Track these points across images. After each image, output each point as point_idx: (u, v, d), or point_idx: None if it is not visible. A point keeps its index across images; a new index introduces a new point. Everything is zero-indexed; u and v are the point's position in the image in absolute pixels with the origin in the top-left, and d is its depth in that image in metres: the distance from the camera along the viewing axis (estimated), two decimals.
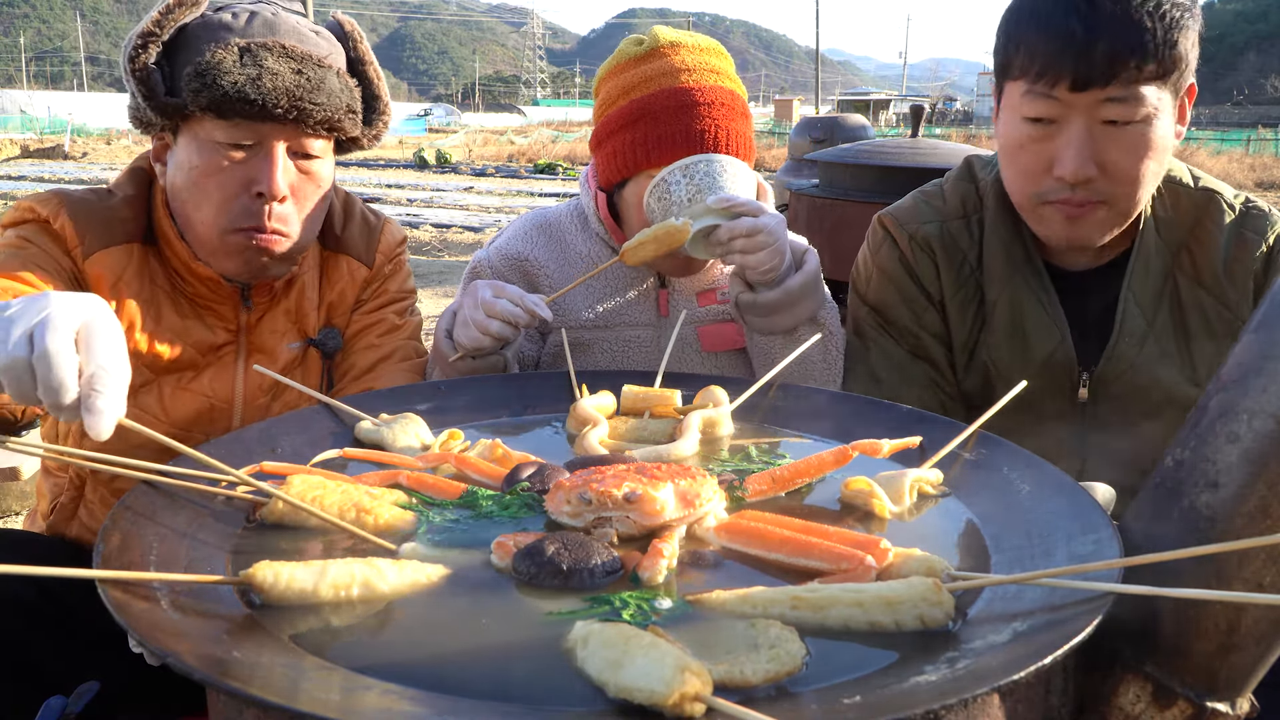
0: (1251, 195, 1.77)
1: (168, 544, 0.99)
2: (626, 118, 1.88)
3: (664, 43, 1.92)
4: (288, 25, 1.65)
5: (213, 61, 1.55)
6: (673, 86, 1.85)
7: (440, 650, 0.85)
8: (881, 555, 0.97)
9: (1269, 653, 0.91)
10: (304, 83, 1.59)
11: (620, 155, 1.90)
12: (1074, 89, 1.52)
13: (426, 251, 12.33)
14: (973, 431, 1.29)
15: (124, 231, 1.68)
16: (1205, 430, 0.95)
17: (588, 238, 2.06)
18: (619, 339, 2.01)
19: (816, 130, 7.03)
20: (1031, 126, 1.60)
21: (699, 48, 1.93)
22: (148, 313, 1.69)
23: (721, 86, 1.88)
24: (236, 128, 1.59)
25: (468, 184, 23.70)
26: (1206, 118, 66.52)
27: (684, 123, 1.82)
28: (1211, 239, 1.70)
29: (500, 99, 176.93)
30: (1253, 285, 1.68)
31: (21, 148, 33.69)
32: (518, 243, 2.06)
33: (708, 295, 2.04)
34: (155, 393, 1.71)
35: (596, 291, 2.03)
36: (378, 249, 1.90)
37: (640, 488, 1.02)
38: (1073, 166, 1.55)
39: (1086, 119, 1.54)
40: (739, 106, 1.89)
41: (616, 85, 1.94)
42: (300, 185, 1.67)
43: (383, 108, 1.78)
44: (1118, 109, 1.52)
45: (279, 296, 1.80)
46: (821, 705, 0.76)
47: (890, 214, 1.90)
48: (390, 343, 1.88)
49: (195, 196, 1.63)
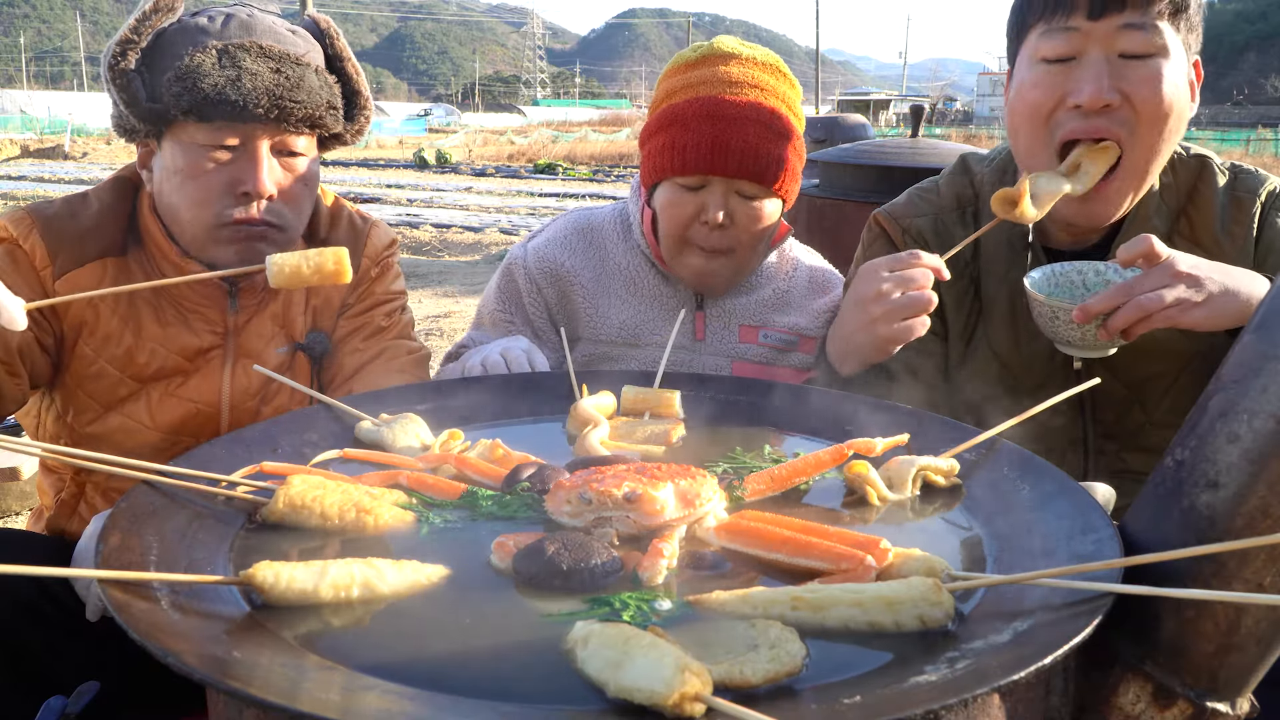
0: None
1: (168, 544, 0.99)
2: (662, 121, 1.86)
3: (718, 52, 1.88)
4: (264, 25, 1.66)
5: (192, 65, 1.55)
6: (708, 96, 1.82)
7: (440, 650, 0.85)
8: (881, 555, 0.97)
9: (1269, 653, 0.91)
10: (283, 81, 1.60)
11: (652, 158, 1.87)
12: (1091, 15, 1.53)
13: (426, 251, 12.33)
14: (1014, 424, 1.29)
15: (98, 246, 1.67)
16: (1205, 430, 0.95)
17: (629, 249, 2.02)
18: (651, 358, 1.95)
19: (816, 130, 7.03)
20: (1048, 67, 1.59)
21: (754, 61, 1.87)
22: (127, 326, 1.69)
23: (762, 104, 1.82)
24: (219, 129, 1.59)
25: (468, 184, 23.72)
26: (1206, 118, 66.49)
27: (709, 133, 1.78)
28: (1207, 201, 1.73)
29: (500, 99, 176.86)
30: (1251, 239, 1.70)
31: (21, 148, 33.71)
32: (556, 249, 2.02)
33: (750, 331, 1.99)
34: (143, 401, 1.71)
35: (632, 307, 1.98)
36: (363, 253, 1.90)
37: (640, 488, 1.03)
38: (1091, 89, 1.53)
39: (1105, 50, 1.55)
40: (778, 125, 1.82)
41: (664, 88, 1.92)
42: (286, 182, 1.67)
43: (363, 102, 1.79)
44: (1135, 38, 1.53)
45: (266, 299, 1.79)
46: (821, 705, 0.76)
47: (884, 210, 1.91)
48: (376, 345, 1.87)
49: (182, 199, 1.63)
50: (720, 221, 1.82)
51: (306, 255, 1.45)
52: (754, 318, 2.01)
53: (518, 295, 2.02)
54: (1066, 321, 1.51)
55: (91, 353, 1.68)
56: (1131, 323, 1.43)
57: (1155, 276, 1.42)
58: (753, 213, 1.84)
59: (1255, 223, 1.71)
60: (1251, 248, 1.70)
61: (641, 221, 2.01)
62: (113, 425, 1.70)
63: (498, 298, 2.05)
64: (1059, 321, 1.52)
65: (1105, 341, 1.50)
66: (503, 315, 2.03)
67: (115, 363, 1.68)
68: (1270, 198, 1.72)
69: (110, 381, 1.69)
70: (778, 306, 2.03)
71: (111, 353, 1.68)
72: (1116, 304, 1.43)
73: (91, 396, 1.70)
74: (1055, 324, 1.53)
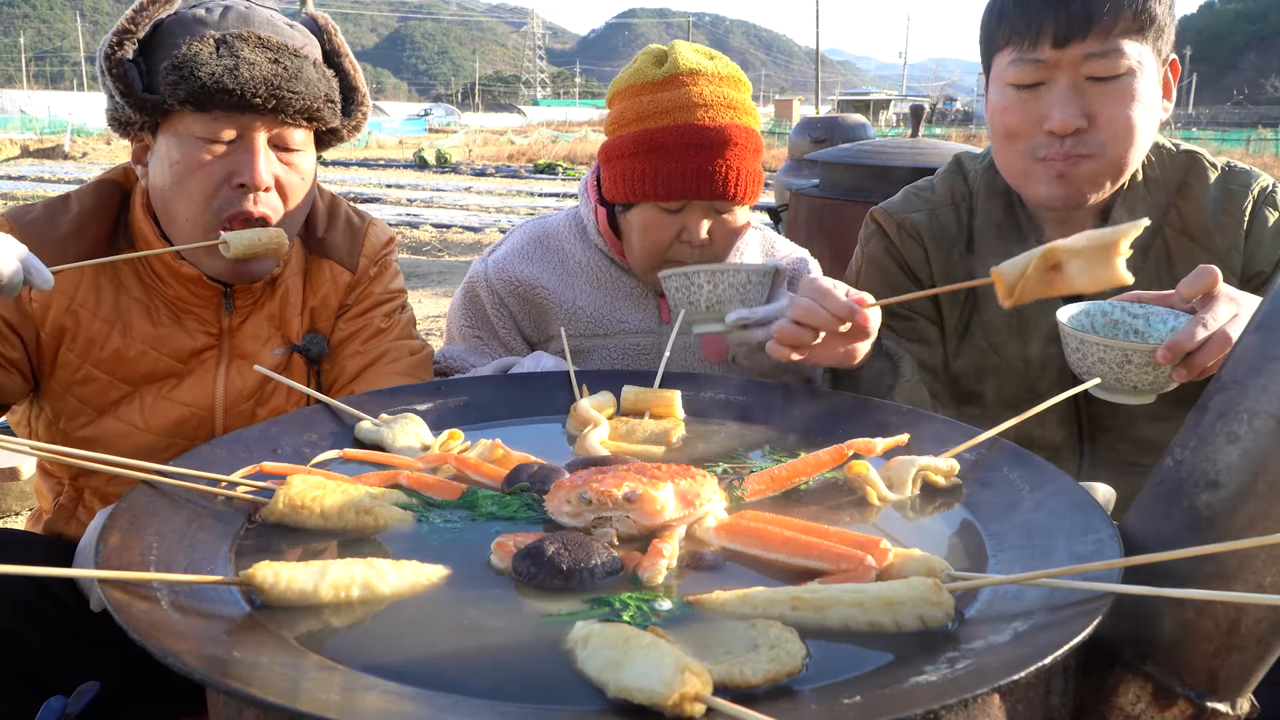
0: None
1: (168, 544, 0.99)
2: (639, 145, 1.88)
3: (684, 70, 1.89)
4: (262, 17, 1.65)
5: (189, 54, 1.54)
6: (688, 123, 1.85)
7: (440, 650, 0.85)
8: (881, 555, 0.97)
9: (1269, 653, 0.91)
10: (281, 71, 1.59)
11: (629, 181, 1.89)
12: (1056, 45, 1.58)
13: (426, 251, 12.33)
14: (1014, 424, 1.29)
15: (75, 252, 1.64)
16: (1205, 430, 0.95)
17: (586, 248, 2.07)
18: (619, 346, 2.02)
19: (816, 130, 7.03)
20: (1018, 92, 1.65)
21: (718, 77, 1.91)
22: (113, 328, 1.67)
23: (736, 124, 1.88)
24: (216, 120, 1.58)
25: (467, 184, 23.70)
26: (1206, 118, 66.55)
27: (695, 162, 1.83)
28: (1198, 195, 1.75)
29: (500, 99, 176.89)
30: (1241, 233, 1.73)
31: (21, 148, 33.68)
32: (516, 260, 2.06)
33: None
34: (135, 403, 1.70)
35: (596, 298, 2.03)
36: (361, 252, 1.89)
37: (640, 488, 1.02)
38: (1061, 116, 1.59)
39: (1072, 76, 1.60)
40: (752, 144, 1.90)
41: (632, 107, 1.93)
42: (283, 177, 1.66)
43: (360, 99, 1.77)
44: (1100, 64, 1.58)
45: (262, 300, 1.78)
46: (821, 705, 0.76)
47: (881, 207, 1.95)
48: (377, 347, 1.86)
49: (178, 193, 1.62)
50: (702, 241, 1.88)
51: (257, 231, 1.62)
52: None
53: (483, 310, 2.06)
54: (1140, 364, 1.37)
55: (76, 358, 1.66)
56: (1218, 358, 1.34)
57: (1224, 307, 1.36)
58: (730, 226, 1.92)
59: (1246, 216, 1.73)
60: (1242, 241, 1.73)
61: (597, 221, 2.04)
62: (106, 429, 1.69)
63: (464, 314, 2.09)
64: (1130, 365, 1.38)
65: (1169, 384, 1.39)
66: (470, 330, 2.07)
67: (102, 366, 1.67)
68: (1262, 193, 1.75)
69: (100, 385, 1.68)
70: None
71: (97, 356, 1.66)
72: (1200, 340, 1.33)
73: (82, 401, 1.69)
74: (1124, 368, 1.39)
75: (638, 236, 1.93)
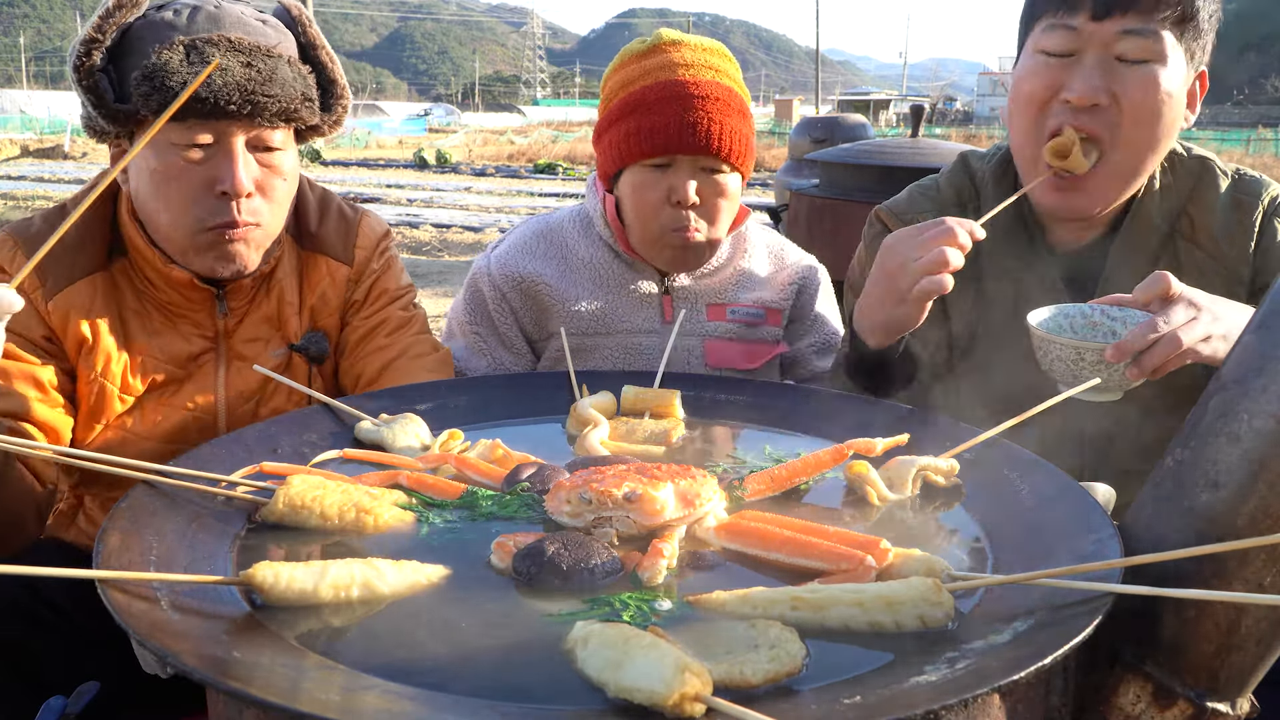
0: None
1: (167, 544, 0.99)
2: (623, 109, 1.90)
3: (666, 40, 1.94)
4: (232, 17, 1.60)
5: (159, 63, 1.50)
6: (669, 79, 1.87)
7: (440, 650, 0.85)
8: (881, 555, 0.97)
9: (1269, 653, 0.91)
10: (255, 75, 1.54)
11: (615, 146, 1.91)
12: (1095, 17, 1.55)
13: (426, 251, 12.32)
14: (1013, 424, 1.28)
15: (85, 263, 1.63)
16: (1205, 430, 0.95)
17: (590, 243, 2.06)
18: (621, 345, 2.01)
19: (817, 130, 7.04)
20: (1047, 60, 1.61)
21: (701, 46, 1.94)
22: (118, 337, 1.65)
23: (719, 83, 1.89)
24: (191, 128, 1.54)
25: (468, 184, 23.69)
26: (1206, 118, 66.53)
27: (676, 113, 1.84)
28: (1209, 203, 1.73)
29: (500, 99, 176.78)
30: (1250, 243, 1.71)
31: (21, 148, 33.67)
32: (519, 256, 2.05)
33: (717, 309, 2.04)
34: (137, 413, 1.67)
35: (599, 296, 2.02)
36: (356, 244, 1.85)
37: (640, 488, 1.03)
38: (1083, 87, 1.56)
39: (1103, 51, 1.57)
40: (736, 103, 1.89)
41: (617, 80, 1.96)
42: (264, 179, 1.63)
43: (340, 91, 1.72)
44: (1134, 43, 1.55)
45: (256, 300, 1.75)
46: (821, 705, 0.76)
47: (885, 206, 1.93)
48: (400, 341, 1.83)
49: (159, 202, 1.58)
50: (692, 200, 1.87)
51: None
52: (720, 296, 2.06)
53: (484, 305, 2.05)
54: (1093, 362, 1.40)
55: (91, 371, 1.64)
56: (1168, 359, 1.35)
57: (1182, 311, 1.37)
58: (718, 188, 1.91)
59: (1256, 228, 1.71)
60: (1251, 252, 1.71)
61: (605, 211, 2.04)
62: (109, 440, 1.66)
63: (465, 309, 2.08)
64: (1083, 363, 1.41)
65: (1128, 383, 1.41)
66: (470, 326, 2.06)
67: (111, 377, 1.65)
68: (1272, 203, 1.73)
69: (107, 398, 1.66)
70: (741, 284, 2.08)
71: (111, 370, 1.64)
72: (1150, 341, 1.35)
73: (89, 414, 1.66)
74: (1078, 365, 1.42)
75: (630, 203, 1.94)
